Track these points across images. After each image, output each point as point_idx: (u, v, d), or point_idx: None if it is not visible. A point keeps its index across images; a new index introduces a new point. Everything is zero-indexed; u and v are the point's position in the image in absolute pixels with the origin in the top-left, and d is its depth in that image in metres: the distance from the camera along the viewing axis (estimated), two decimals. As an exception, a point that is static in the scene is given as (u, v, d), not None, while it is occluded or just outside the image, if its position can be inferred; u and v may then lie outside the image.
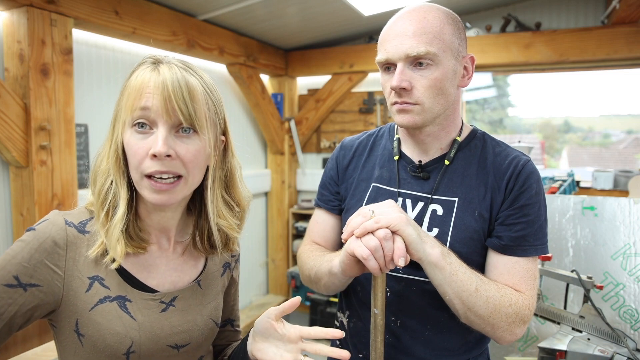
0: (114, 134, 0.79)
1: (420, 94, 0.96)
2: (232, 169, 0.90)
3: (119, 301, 0.79)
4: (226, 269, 0.99)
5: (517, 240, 0.97)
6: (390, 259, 0.85)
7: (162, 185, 0.76)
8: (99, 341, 0.77)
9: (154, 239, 0.86)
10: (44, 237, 0.75)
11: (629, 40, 3.05)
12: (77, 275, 0.77)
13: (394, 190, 1.08)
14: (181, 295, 0.86)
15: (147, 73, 0.76)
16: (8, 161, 2.06)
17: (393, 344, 1.05)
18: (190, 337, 0.86)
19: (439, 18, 0.96)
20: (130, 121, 0.76)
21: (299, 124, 4.19)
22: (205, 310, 0.90)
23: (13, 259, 0.73)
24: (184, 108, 0.75)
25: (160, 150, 0.73)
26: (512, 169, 1.00)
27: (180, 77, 0.76)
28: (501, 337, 0.95)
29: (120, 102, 0.79)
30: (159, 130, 0.75)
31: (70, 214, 0.82)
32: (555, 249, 1.80)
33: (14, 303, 0.72)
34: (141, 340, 0.79)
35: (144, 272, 0.83)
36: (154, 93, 0.74)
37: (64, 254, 0.76)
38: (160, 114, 0.74)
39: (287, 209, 4.25)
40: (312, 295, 3.83)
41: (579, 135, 14.20)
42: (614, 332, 1.37)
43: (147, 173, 0.75)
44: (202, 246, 0.90)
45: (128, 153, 0.77)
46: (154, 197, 0.76)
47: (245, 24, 3.28)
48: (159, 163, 0.74)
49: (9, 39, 2.04)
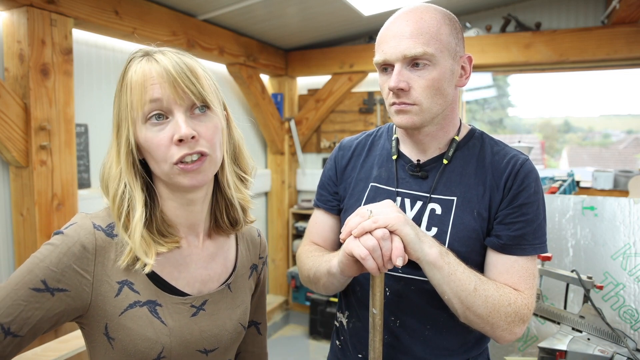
0: (121, 136, 0.77)
1: (418, 95, 0.96)
2: (238, 141, 0.90)
3: (150, 306, 0.78)
4: (253, 270, 0.98)
5: (516, 239, 0.97)
6: (388, 259, 0.85)
7: (192, 166, 0.75)
8: (130, 345, 0.76)
9: (183, 236, 0.85)
10: (72, 241, 0.73)
11: (629, 40, 3.05)
12: (105, 280, 0.75)
13: (393, 190, 1.08)
14: (211, 299, 0.85)
15: (144, 65, 0.75)
16: (8, 161, 2.06)
17: (392, 344, 1.05)
18: (219, 342, 0.85)
19: (436, 18, 0.96)
20: (143, 117, 0.75)
21: (299, 124, 4.19)
22: (235, 314, 0.89)
23: (41, 262, 0.71)
24: (192, 88, 0.75)
25: (186, 133, 0.73)
26: (511, 167, 1.00)
27: (178, 61, 0.76)
28: (500, 337, 0.95)
29: (122, 101, 0.77)
30: (175, 116, 0.75)
31: (97, 216, 0.80)
32: (555, 249, 1.80)
33: (41, 307, 0.70)
34: (172, 345, 0.78)
35: (174, 272, 0.82)
36: (160, 82, 0.74)
37: (93, 259, 0.74)
38: (173, 101, 0.74)
39: (287, 209, 4.25)
40: (312, 295, 3.83)
41: (579, 135, 14.20)
42: (614, 332, 1.36)
43: (175, 160, 0.74)
44: (223, 224, 0.90)
45: (150, 148, 0.75)
46: (188, 181, 0.76)
47: (245, 24, 3.28)
48: (185, 147, 0.74)
49: (9, 39, 2.04)
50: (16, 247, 2.15)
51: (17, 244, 2.14)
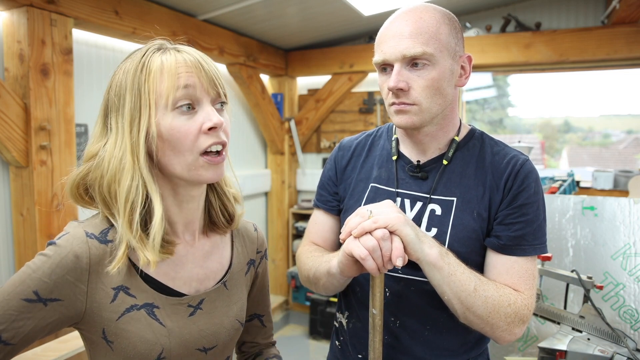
0: (139, 129, 0.74)
1: (417, 95, 0.96)
2: None
3: (147, 309, 0.78)
4: (250, 266, 0.99)
5: (516, 239, 0.97)
6: (388, 259, 0.85)
7: (218, 159, 0.77)
8: (129, 348, 0.76)
9: (179, 235, 0.85)
10: (65, 252, 0.73)
11: (629, 40, 3.05)
12: (100, 287, 0.75)
13: (393, 190, 1.08)
14: (208, 298, 0.86)
15: (169, 56, 0.76)
16: (8, 161, 2.06)
17: (392, 344, 1.05)
18: (217, 339, 0.86)
19: (435, 18, 0.96)
20: (172, 103, 0.74)
21: (299, 124, 4.19)
22: (231, 312, 0.89)
23: (34, 273, 0.71)
24: (219, 82, 0.78)
25: (219, 121, 0.75)
26: (511, 168, 1.00)
27: (202, 55, 0.79)
28: (500, 337, 0.95)
29: (144, 88, 0.74)
30: (204, 105, 0.76)
31: (90, 224, 0.78)
32: (555, 249, 1.80)
33: (34, 317, 0.70)
34: (171, 346, 0.79)
35: (170, 272, 0.82)
36: (194, 71, 0.75)
37: (87, 268, 0.74)
38: (204, 90, 0.76)
39: (287, 209, 4.25)
40: (312, 295, 3.83)
41: (579, 135, 14.20)
42: (614, 332, 1.36)
43: (204, 148, 0.75)
44: (219, 222, 0.90)
45: (174, 137, 0.74)
46: (210, 174, 0.78)
47: (245, 24, 3.28)
48: (214, 135, 0.76)
49: (9, 39, 2.04)
50: (16, 247, 2.15)
51: (17, 244, 2.14)
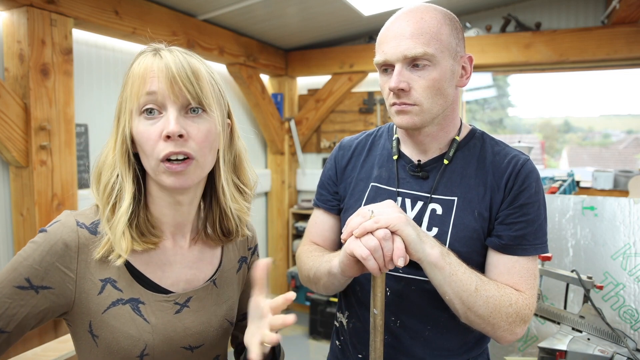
0: (119, 126, 0.78)
1: (418, 95, 0.96)
2: (239, 152, 0.90)
3: (132, 304, 0.78)
4: (242, 263, 0.98)
5: (517, 239, 0.97)
6: (389, 259, 0.85)
7: (177, 167, 0.75)
8: (113, 343, 0.77)
9: (169, 235, 0.85)
10: (55, 239, 0.74)
11: (629, 40, 3.05)
12: (89, 277, 0.76)
13: (393, 190, 1.08)
14: (196, 296, 0.85)
15: (148, 59, 0.77)
16: (8, 161, 2.06)
17: (393, 344, 1.05)
18: (204, 338, 0.85)
19: (436, 18, 0.96)
20: (138, 108, 0.75)
21: (299, 124, 4.19)
22: (220, 311, 0.89)
23: (25, 260, 0.72)
24: (190, 88, 0.75)
25: (174, 130, 0.73)
26: (512, 168, 1.00)
27: (182, 59, 0.77)
28: (501, 337, 0.95)
29: (124, 92, 0.78)
30: (168, 112, 0.75)
31: (82, 214, 0.80)
32: (555, 249, 1.80)
33: (26, 304, 0.72)
34: (155, 342, 0.79)
35: (158, 271, 0.82)
36: (159, 77, 0.74)
37: (76, 256, 0.75)
38: (167, 96, 0.75)
39: (287, 209, 4.25)
40: (312, 295, 3.83)
41: (579, 135, 14.20)
42: (614, 332, 1.36)
43: (162, 156, 0.74)
44: (214, 234, 0.89)
45: (140, 141, 0.76)
46: (171, 181, 0.76)
47: (245, 24, 3.28)
48: (172, 144, 0.74)
49: (9, 39, 2.04)
50: (16, 247, 2.15)
51: (17, 244, 2.14)
